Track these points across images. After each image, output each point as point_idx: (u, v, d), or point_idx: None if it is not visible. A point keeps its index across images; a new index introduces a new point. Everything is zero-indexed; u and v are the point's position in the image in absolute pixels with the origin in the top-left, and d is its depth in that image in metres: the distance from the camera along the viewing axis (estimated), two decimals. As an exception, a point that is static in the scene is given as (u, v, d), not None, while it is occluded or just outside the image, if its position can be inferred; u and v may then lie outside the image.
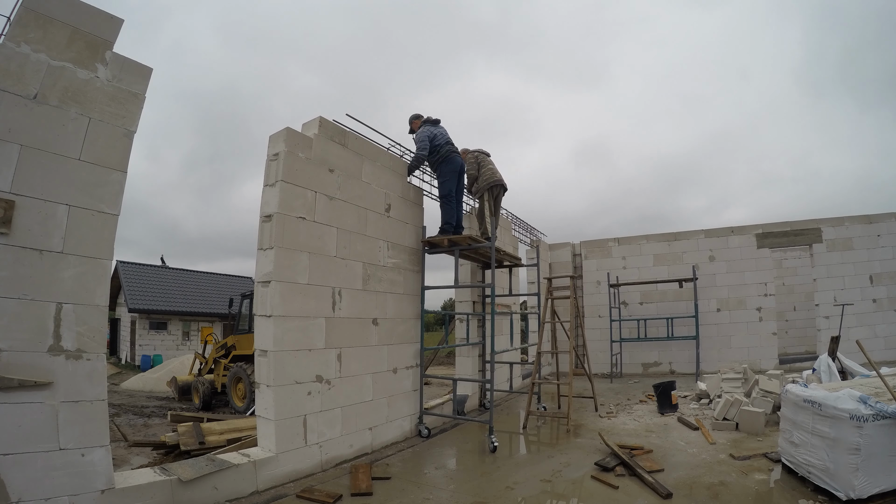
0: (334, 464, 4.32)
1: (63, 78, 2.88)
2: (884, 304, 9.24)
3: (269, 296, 3.95)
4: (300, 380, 4.09)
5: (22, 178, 2.69)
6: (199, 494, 3.29)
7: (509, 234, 8.77)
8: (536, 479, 3.97)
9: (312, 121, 4.61)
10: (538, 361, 6.51)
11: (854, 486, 3.06)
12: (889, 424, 3.07)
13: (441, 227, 5.80)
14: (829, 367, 5.56)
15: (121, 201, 3.11)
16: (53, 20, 2.85)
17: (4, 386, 2.53)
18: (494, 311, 5.58)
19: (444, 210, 5.80)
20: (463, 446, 5.19)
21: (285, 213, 4.08)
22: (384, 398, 5.06)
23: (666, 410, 6.19)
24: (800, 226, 9.85)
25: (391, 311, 5.28)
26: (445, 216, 5.78)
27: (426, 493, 3.69)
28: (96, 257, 2.98)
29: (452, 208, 5.78)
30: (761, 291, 9.90)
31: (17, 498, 2.52)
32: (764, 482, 3.69)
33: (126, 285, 19.15)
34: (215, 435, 5.09)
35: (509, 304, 8.42)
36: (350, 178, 4.84)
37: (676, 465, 4.16)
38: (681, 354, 10.14)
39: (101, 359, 2.96)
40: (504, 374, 7.82)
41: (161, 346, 19.24)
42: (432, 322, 22.66)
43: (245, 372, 8.23)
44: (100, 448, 2.85)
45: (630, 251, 11.10)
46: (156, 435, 6.19)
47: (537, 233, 10.93)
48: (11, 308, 2.62)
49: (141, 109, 3.25)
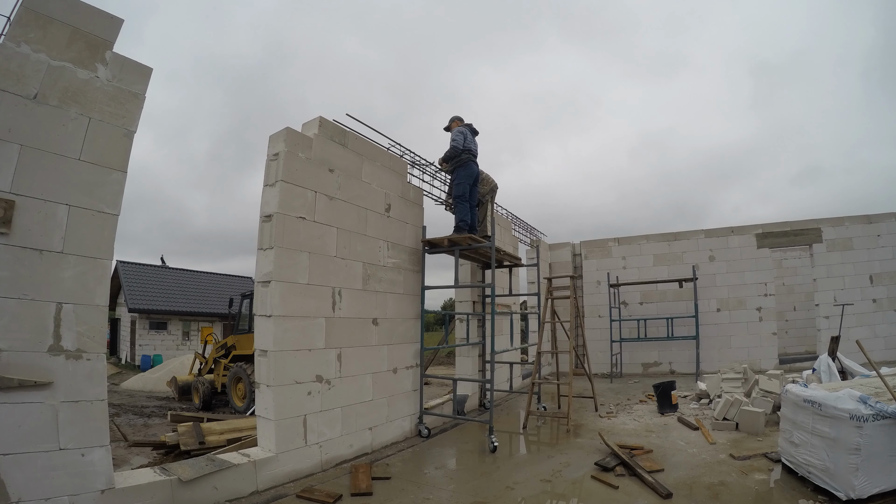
0: (334, 464, 4.32)
1: (63, 78, 2.88)
2: (884, 304, 9.24)
3: (270, 296, 3.95)
4: (300, 380, 4.10)
5: (22, 178, 2.70)
6: (199, 494, 3.29)
7: (509, 234, 8.77)
8: (536, 479, 3.97)
9: (312, 121, 4.61)
10: (538, 361, 6.51)
11: (854, 486, 3.06)
12: (889, 424, 3.07)
13: (456, 226, 5.86)
14: (829, 367, 5.56)
15: (121, 201, 3.11)
16: (53, 20, 2.85)
17: (4, 386, 2.53)
18: (494, 311, 5.58)
19: (459, 209, 5.87)
20: (463, 446, 5.19)
21: (285, 213, 4.09)
22: (384, 398, 5.06)
23: (666, 410, 6.19)
24: (800, 226, 9.85)
25: (391, 311, 5.28)
26: (460, 214, 5.85)
27: (426, 493, 3.69)
28: (96, 257, 2.98)
29: (467, 209, 5.85)
30: (761, 291, 9.90)
31: (17, 498, 2.52)
32: (764, 482, 3.69)
33: (126, 285, 19.15)
34: (215, 435, 5.09)
35: (509, 304, 8.41)
36: (350, 178, 4.84)
37: (676, 465, 4.16)
38: (681, 354, 10.14)
39: (101, 359, 2.96)
40: (504, 374, 7.82)
41: (161, 346, 19.24)
42: (432, 322, 22.66)
43: (245, 372, 8.23)
44: (100, 448, 2.85)
45: (630, 251, 11.11)
46: (156, 435, 6.19)
47: (537, 233, 10.94)
48: (11, 308, 2.62)
49: (141, 109, 3.25)
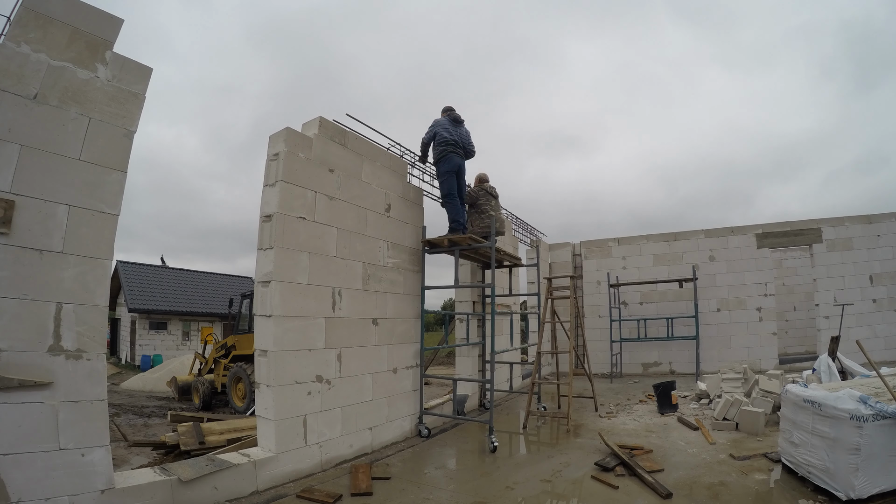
0: (334, 464, 4.32)
1: (63, 78, 2.88)
2: (884, 304, 9.24)
3: (269, 296, 3.95)
4: (300, 380, 4.10)
5: (22, 178, 2.70)
6: (199, 494, 3.29)
7: (509, 234, 8.77)
8: (536, 479, 3.97)
9: (312, 121, 4.61)
10: (538, 361, 6.51)
11: (854, 486, 3.06)
12: (889, 424, 3.07)
13: (450, 227, 5.82)
14: (829, 367, 5.56)
15: (121, 201, 3.11)
16: (53, 20, 2.85)
17: (4, 386, 2.53)
18: (494, 311, 5.58)
19: (449, 209, 5.82)
20: (463, 446, 5.19)
21: (285, 213, 4.09)
22: (384, 398, 5.06)
23: (666, 410, 6.19)
24: (800, 226, 9.85)
25: (391, 311, 5.28)
26: (452, 214, 5.80)
27: (426, 493, 3.69)
28: (96, 257, 2.97)
29: (457, 205, 5.79)
30: (761, 291, 9.90)
31: (17, 498, 2.52)
32: (764, 482, 3.69)
33: (126, 285, 19.14)
34: (215, 435, 5.09)
35: (509, 304, 8.41)
36: (350, 178, 4.84)
37: (676, 465, 4.16)
38: (681, 354, 10.14)
39: (101, 359, 2.96)
40: (504, 374, 7.82)
41: (161, 346, 19.23)
42: (432, 322, 22.66)
43: (245, 372, 8.23)
44: (100, 448, 2.85)
45: (630, 251, 11.10)
46: (156, 435, 6.19)
47: (537, 233, 10.93)
48: (11, 308, 2.62)
49: (141, 109, 3.25)
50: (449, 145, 5.77)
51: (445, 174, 5.77)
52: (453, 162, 5.79)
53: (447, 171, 5.77)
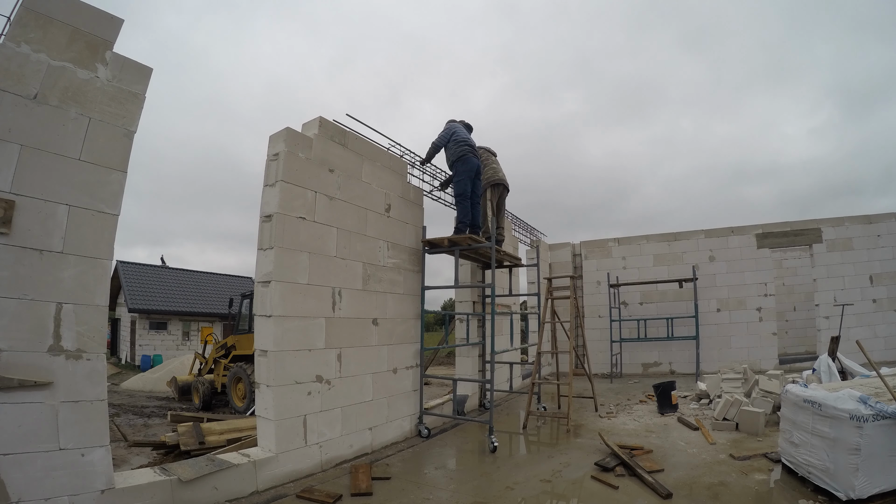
0: (334, 464, 4.32)
1: (63, 78, 2.88)
2: (884, 305, 9.24)
3: (270, 296, 3.95)
4: (300, 380, 4.10)
5: (22, 178, 2.70)
6: (199, 494, 3.29)
7: (509, 234, 8.77)
8: (536, 479, 3.97)
9: (312, 121, 4.61)
10: (538, 361, 6.51)
11: (854, 487, 3.06)
12: (889, 424, 3.07)
13: (456, 227, 5.80)
14: (829, 368, 5.56)
15: (121, 201, 3.11)
16: (53, 20, 2.85)
17: (4, 386, 2.53)
18: (494, 311, 5.58)
19: (460, 209, 5.78)
20: (463, 446, 5.19)
21: (285, 213, 4.09)
22: (384, 398, 5.06)
23: (666, 410, 6.19)
24: (800, 226, 9.85)
25: (391, 312, 5.28)
26: (460, 215, 5.77)
27: (426, 494, 3.69)
28: (96, 257, 2.97)
29: (467, 208, 5.73)
30: (761, 291, 9.90)
31: (17, 498, 2.52)
32: (764, 482, 3.69)
33: (126, 285, 19.14)
34: (215, 435, 5.09)
35: (509, 304, 8.41)
36: (350, 178, 4.84)
37: (676, 465, 4.16)
38: (681, 354, 10.14)
39: (101, 359, 2.96)
40: (504, 374, 7.82)
41: (161, 346, 19.23)
42: (432, 322, 22.67)
43: (245, 372, 8.23)
44: (100, 448, 2.85)
45: (630, 251, 11.11)
46: (156, 435, 6.19)
47: (537, 233, 10.94)
48: (11, 308, 2.62)
49: (141, 109, 3.25)
50: (468, 146, 5.80)
51: (464, 174, 5.71)
52: (472, 163, 5.75)
53: (465, 172, 5.71)
